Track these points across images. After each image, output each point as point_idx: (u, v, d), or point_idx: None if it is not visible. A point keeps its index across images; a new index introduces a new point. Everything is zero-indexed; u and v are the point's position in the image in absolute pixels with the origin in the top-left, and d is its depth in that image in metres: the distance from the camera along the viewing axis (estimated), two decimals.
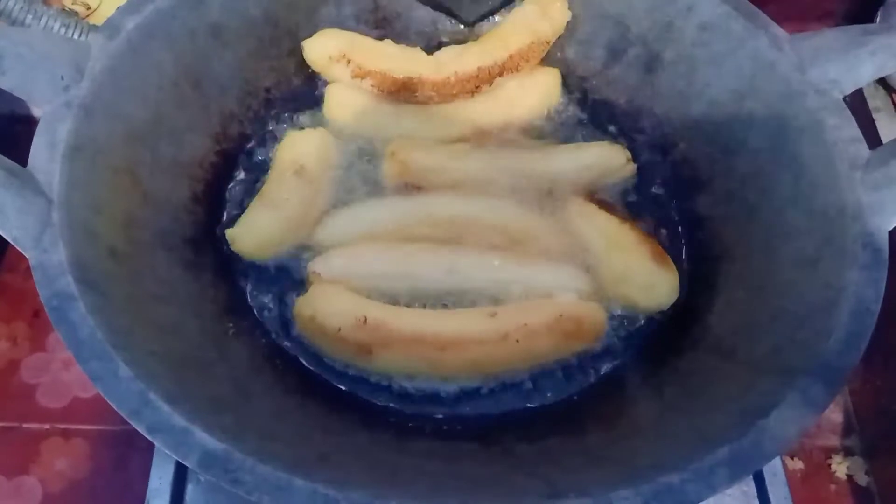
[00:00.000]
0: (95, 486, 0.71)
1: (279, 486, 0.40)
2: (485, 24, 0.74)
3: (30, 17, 0.67)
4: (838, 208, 0.51)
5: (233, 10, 0.63)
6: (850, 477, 0.73)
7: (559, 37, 0.70)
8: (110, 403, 0.41)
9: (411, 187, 0.64)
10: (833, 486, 0.73)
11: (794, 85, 0.56)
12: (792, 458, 0.74)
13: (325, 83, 0.70)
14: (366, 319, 0.56)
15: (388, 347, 0.56)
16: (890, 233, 0.50)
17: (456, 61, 0.68)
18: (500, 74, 0.68)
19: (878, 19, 0.82)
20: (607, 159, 0.66)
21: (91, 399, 0.75)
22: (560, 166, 0.65)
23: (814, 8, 0.84)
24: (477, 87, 0.68)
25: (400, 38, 0.72)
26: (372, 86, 0.68)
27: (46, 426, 0.74)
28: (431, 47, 0.72)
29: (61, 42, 0.55)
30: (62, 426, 0.74)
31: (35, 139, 0.49)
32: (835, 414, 0.77)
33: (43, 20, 0.68)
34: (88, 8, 0.81)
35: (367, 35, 0.70)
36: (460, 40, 0.73)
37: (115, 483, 0.71)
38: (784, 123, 0.57)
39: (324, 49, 0.68)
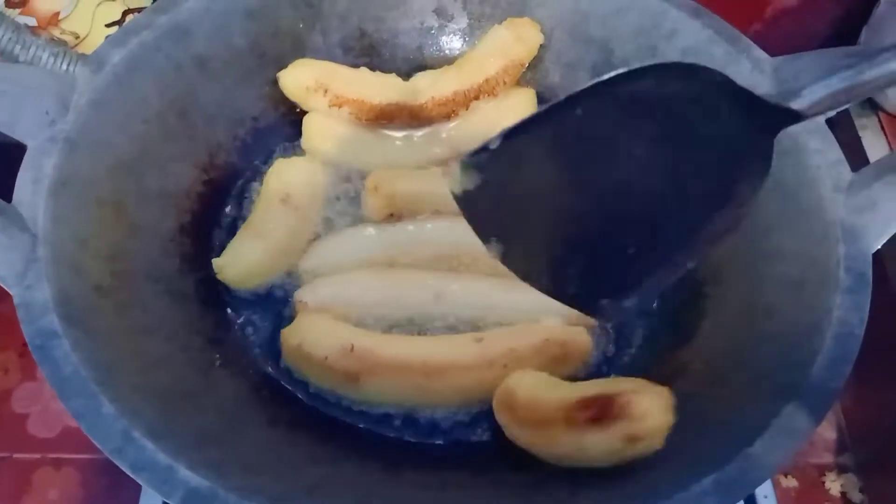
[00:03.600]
0: None
1: None
2: (462, 48, 0.75)
3: (18, 47, 0.67)
4: (822, 231, 0.51)
5: (218, 40, 0.63)
6: (843, 494, 0.73)
7: (545, 61, 0.71)
8: (94, 442, 0.41)
9: (396, 216, 0.64)
10: None
11: None
12: (786, 476, 0.74)
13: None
14: (353, 347, 0.56)
15: (375, 375, 0.56)
16: (878, 252, 0.50)
17: (433, 87, 0.68)
18: (477, 98, 0.68)
19: (861, 39, 0.83)
20: None
21: None
22: None
23: (798, 29, 0.85)
24: (454, 111, 0.68)
25: (387, 64, 0.72)
26: (350, 114, 0.68)
27: (38, 456, 0.73)
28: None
29: (46, 76, 0.55)
30: (53, 455, 0.73)
31: (20, 174, 0.49)
32: (828, 431, 0.77)
33: (31, 50, 0.68)
34: (77, 37, 0.81)
35: (354, 63, 0.71)
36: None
37: None
38: None
39: (300, 79, 0.67)
